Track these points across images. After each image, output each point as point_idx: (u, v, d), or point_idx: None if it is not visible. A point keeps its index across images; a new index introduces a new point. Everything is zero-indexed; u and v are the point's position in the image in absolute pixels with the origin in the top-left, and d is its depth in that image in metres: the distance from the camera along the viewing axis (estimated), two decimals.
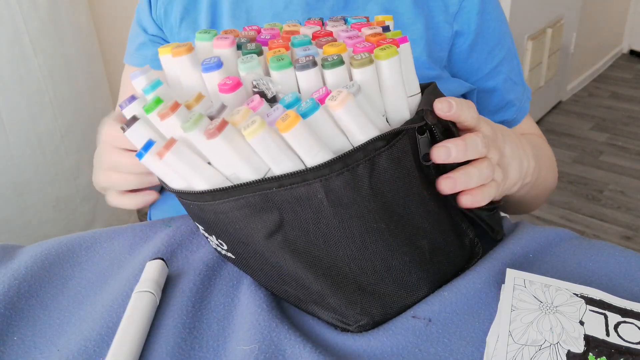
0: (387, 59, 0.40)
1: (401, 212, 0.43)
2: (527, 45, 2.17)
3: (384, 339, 0.45)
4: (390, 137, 0.40)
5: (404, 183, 0.42)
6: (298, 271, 0.44)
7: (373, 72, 0.40)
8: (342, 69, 0.40)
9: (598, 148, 2.35)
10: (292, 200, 0.40)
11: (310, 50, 0.42)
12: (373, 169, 0.40)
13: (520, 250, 0.53)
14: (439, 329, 0.45)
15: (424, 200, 0.44)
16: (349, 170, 0.39)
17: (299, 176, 0.38)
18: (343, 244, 0.42)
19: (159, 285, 0.50)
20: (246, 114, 0.38)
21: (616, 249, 0.52)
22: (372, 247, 0.43)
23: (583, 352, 0.40)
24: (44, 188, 1.56)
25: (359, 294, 0.45)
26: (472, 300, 0.47)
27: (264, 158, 0.39)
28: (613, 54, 3.27)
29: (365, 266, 0.44)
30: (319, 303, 0.46)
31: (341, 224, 0.41)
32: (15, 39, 1.39)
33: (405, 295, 0.46)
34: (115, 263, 0.56)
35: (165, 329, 0.46)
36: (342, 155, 0.38)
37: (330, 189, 0.39)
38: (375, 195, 0.41)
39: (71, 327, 0.49)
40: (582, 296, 0.45)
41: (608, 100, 2.80)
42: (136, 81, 0.44)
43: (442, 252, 0.47)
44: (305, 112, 0.37)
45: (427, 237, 0.45)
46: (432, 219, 0.45)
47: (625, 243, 1.78)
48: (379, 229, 0.42)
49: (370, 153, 0.39)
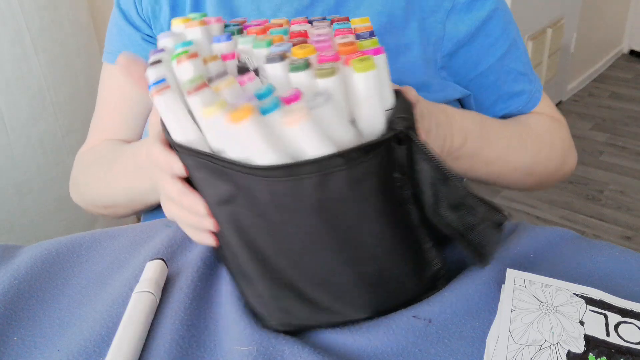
0: (364, 72, 0.37)
1: (348, 235, 0.41)
2: (527, 45, 2.17)
3: (384, 339, 0.45)
4: (351, 155, 0.37)
5: (358, 206, 0.39)
6: (237, 249, 0.44)
7: (337, 83, 0.38)
8: (306, 74, 0.38)
9: (598, 148, 2.35)
10: (243, 184, 0.39)
11: (284, 47, 0.40)
12: (324, 185, 0.37)
13: (520, 250, 0.53)
14: (439, 329, 0.45)
15: (381, 226, 0.41)
16: (294, 179, 0.37)
17: (246, 168, 0.37)
18: (282, 246, 0.42)
19: (158, 286, 0.50)
20: (229, 82, 0.37)
21: (616, 249, 0.52)
22: (310, 260, 0.42)
23: (583, 352, 0.40)
24: (45, 188, 1.56)
25: (289, 293, 0.44)
26: (472, 301, 0.47)
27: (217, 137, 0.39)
28: (613, 54, 3.26)
29: (303, 274, 0.43)
30: (248, 283, 0.46)
31: (283, 227, 0.40)
32: (16, 39, 1.39)
33: (342, 310, 0.45)
34: (115, 263, 0.56)
35: (165, 329, 0.46)
36: (289, 164, 0.36)
37: (274, 191, 0.38)
38: (321, 211, 0.39)
39: (71, 327, 0.49)
40: (582, 296, 0.45)
41: (608, 100, 2.80)
42: (166, 40, 0.44)
43: (393, 280, 0.45)
44: (265, 109, 0.35)
45: (376, 264, 0.43)
46: (387, 246, 0.43)
47: (626, 243, 1.78)
48: (321, 245, 0.41)
49: (324, 168, 0.37)
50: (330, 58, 0.38)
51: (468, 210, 0.43)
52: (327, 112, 0.36)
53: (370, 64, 0.37)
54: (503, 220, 0.44)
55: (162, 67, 0.41)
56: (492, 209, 0.44)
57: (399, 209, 0.42)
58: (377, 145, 0.38)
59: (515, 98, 0.70)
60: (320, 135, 0.36)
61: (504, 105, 0.70)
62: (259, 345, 0.44)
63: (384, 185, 0.40)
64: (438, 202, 0.42)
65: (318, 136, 0.36)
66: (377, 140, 0.38)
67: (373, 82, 0.38)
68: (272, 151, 0.36)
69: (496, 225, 0.44)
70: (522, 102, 0.70)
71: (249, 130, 0.35)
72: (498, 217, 0.44)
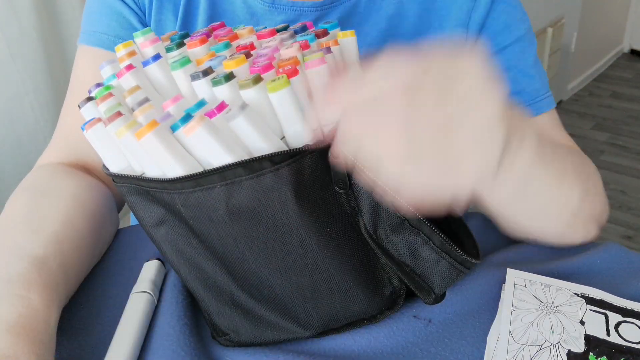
0: (274, 92, 0.36)
1: (272, 244, 0.40)
2: None
3: (384, 339, 0.44)
4: (253, 166, 0.36)
5: (274, 216, 0.38)
6: (178, 266, 0.44)
7: (256, 94, 0.37)
8: (229, 87, 0.38)
9: (599, 147, 2.35)
10: (167, 202, 0.39)
11: (214, 61, 0.41)
12: (232, 195, 0.37)
13: (521, 250, 0.53)
14: (439, 329, 0.45)
15: (311, 237, 0.39)
16: (202, 190, 0.37)
17: (159, 183, 0.38)
18: (216, 261, 0.42)
19: (156, 286, 0.50)
20: (147, 108, 0.39)
21: (617, 248, 0.52)
22: (239, 270, 0.41)
23: (584, 351, 0.40)
24: None
25: (230, 308, 0.44)
26: (473, 300, 0.47)
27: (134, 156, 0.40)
28: (614, 54, 3.26)
29: (242, 288, 0.43)
30: (196, 298, 0.46)
31: (210, 240, 0.40)
32: None
33: (288, 327, 0.44)
34: (112, 264, 0.56)
35: (163, 330, 0.46)
36: (194, 175, 0.37)
37: (189, 204, 0.38)
38: (236, 221, 0.38)
39: (69, 329, 0.49)
40: (582, 296, 0.45)
41: (609, 99, 2.80)
42: (104, 70, 0.45)
43: (339, 295, 0.42)
44: (175, 125, 0.36)
45: (313, 275, 0.41)
46: (323, 258, 0.40)
47: (626, 242, 1.78)
48: (242, 255, 0.40)
49: (228, 178, 0.37)
50: (259, 69, 0.38)
51: (412, 232, 0.40)
52: (241, 122, 0.36)
53: (282, 82, 0.36)
54: (469, 265, 0.41)
55: (93, 105, 0.43)
56: (460, 246, 0.40)
57: (340, 222, 0.40)
58: (284, 156, 0.36)
59: (515, 97, 0.64)
60: (225, 144, 0.36)
61: None
62: (258, 346, 0.44)
63: (312, 197, 0.39)
64: (377, 224, 0.41)
65: (221, 145, 0.36)
66: (281, 152, 0.36)
67: (285, 100, 0.37)
68: (179, 164, 0.37)
69: (457, 264, 0.40)
70: (520, 102, 0.63)
71: (153, 143, 0.36)
72: (455, 254, 0.40)
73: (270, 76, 0.38)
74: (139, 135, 0.36)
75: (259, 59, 0.40)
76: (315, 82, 0.39)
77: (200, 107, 0.37)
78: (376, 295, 0.44)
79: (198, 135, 0.35)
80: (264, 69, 0.38)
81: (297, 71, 0.38)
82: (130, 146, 0.38)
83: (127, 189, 0.41)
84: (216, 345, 0.46)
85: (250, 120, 0.36)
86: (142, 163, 0.39)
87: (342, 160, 0.37)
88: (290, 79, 0.37)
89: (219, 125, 0.36)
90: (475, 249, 0.42)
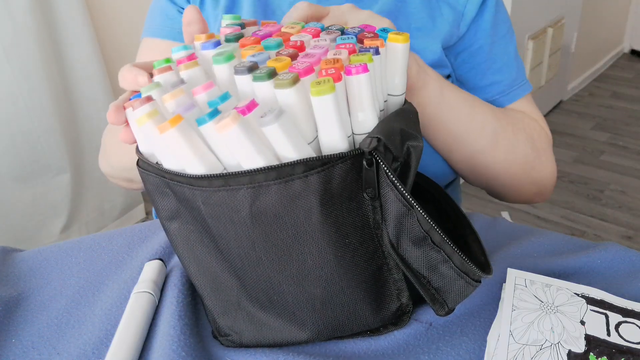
0: (318, 96, 0.35)
1: (290, 251, 0.39)
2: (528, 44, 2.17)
3: (385, 342, 0.44)
4: (285, 171, 0.36)
5: (297, 223, 0.38)
6: (188, 262, 0.44)
7: (292, 96, 0.36)
8: (266, 84, 0.37)
9: (599, 148, 2.35)
10: (184, 196, 0.39)
11: (258, 57, 0.40)
12: (258, 199, 0.37)
13: (521, 250, 0.53)
14: (440, 332, 0.45)
15: (330, 247, 0.39)
16: (228, 190, 0.37)
17: (184, 178, 0.37)
18: (219, 260, 0.41)
19: (157, 286, 0.50)
20: (177, 93, 0.38)
21: (617, 248, 0.52)
22: (251, 274, 0.41)
23: (584, 351, 0.40)
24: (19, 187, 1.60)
25: (235, 310, 0.44)
26: (473, 300, 0.47)
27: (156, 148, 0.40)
28: (614, 54, 3.26)
29: (247, 289, 0.42)
30: (201, 296, 0.46)
31: (225, 241, 0.40)
32: None
33: (289, 330, 0.44)
34: (113, 264, 0.56)
35: (164, 330, 0.46)
36: (222, 174, 0.36)
37: (210, 202, 0.38)
38: (257, 224, 0.38)
39: (70, 329, 0.49)
40: (583, 296, 0.45)
41: (609, 99, 2.80)
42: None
43: (349, 306, 0.42)
44: (201, 119, 0.35)
45: (326, 286, 0.41)
46: (337, 269, 0.40)
47: (626, 243, 1.78)
48: (258, 259, 0.40)
49: (257, 181, 0.36)
50: (300, 71, 0.37)
51: (433, 249, 0.40)
52: (276, 129, 0.35)
53: (327, 87, 0.35)
54: (478, 278, 0.41)
55: None
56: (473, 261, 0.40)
57: (361, 233, 0.40)
58: (315, 163, 0.36)
59: (492, 87, 0.69)
60: (258, 146, 0.35)
61: (480, 91, 0.69)
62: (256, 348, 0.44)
63: (338, 206, 0.38)
64: (400, 235, 0.40)
65: (254, 147, 0.35)
66: (313, 158, 0.36)
67: (328, 106, 0.36)
68: (200, 162, 0.36)
69: (469, 279, 0.40)
70: (495, 93, 0.69)
71: (176, 139, 0.35)
72: (474, 273, 0.40)
73: (310, 79, 0.37)
74: (161, 130, 0.35)
75: (304, 58, 0.39)
76: (354, 90, 0.38)
77: (224, 100, 0.36)
78: (382, 310, 0.44)
79: (232, 134, 0.34)
80: (305, 71, 0.37)
81: (341, 77, 0.37)
82: (151, 135, 0.37)
83: (147, 175, 0.41)
84: (217, 345, 0.46)
85: (284, 128, 0.35)
86: (161, 154, 0.38)
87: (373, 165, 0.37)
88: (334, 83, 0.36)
89: (252, 125, 0.35)
90: (484, 255, 0.43)
